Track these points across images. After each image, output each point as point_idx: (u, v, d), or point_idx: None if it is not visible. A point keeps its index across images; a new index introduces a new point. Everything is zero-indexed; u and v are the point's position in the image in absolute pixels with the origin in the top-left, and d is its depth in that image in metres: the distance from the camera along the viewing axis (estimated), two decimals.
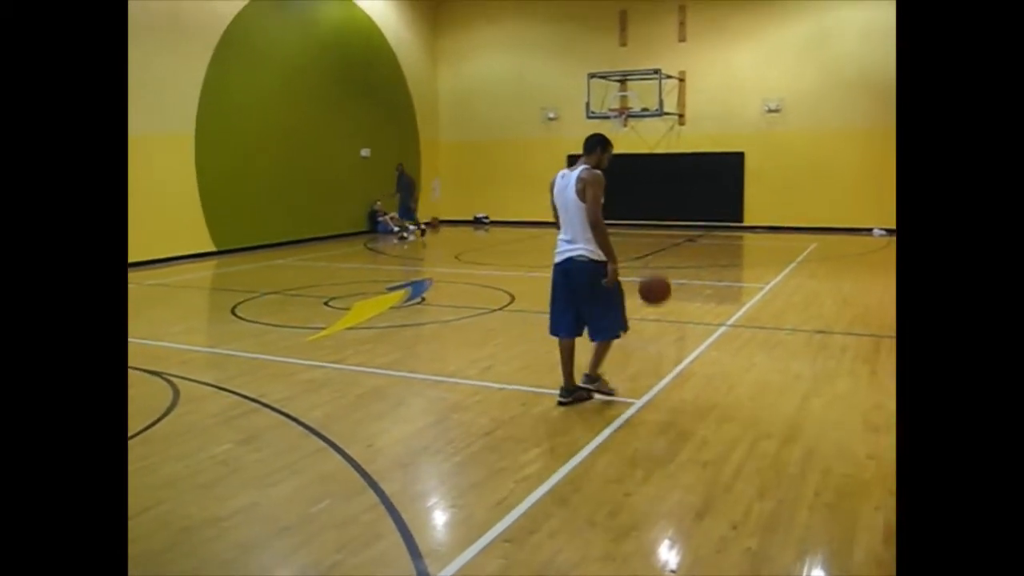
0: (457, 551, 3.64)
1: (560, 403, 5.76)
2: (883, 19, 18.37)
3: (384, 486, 4.37)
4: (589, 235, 5.52)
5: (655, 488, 4.33)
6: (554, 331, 5.86)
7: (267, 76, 17.13)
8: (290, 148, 17.83)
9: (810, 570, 3.49)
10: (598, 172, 5.55)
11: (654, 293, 6.11)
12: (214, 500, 4.24)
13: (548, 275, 5.84)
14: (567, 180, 5.59)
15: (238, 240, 16.47)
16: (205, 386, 6.41)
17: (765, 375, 6.57)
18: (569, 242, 5.62)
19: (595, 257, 5.55)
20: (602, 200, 5.51)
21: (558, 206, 5.69)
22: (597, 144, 5.66)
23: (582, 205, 5.48)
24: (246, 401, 5.98)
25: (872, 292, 10.66)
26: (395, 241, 18.39)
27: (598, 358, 5.86)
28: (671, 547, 3.73)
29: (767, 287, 11.05)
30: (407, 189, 19.34)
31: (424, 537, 3.81)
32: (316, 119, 18.78)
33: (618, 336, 5.80)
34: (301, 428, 5.37)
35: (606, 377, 5.96)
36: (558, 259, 5.71)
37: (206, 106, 15.41)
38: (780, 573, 3.44)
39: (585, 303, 5.68)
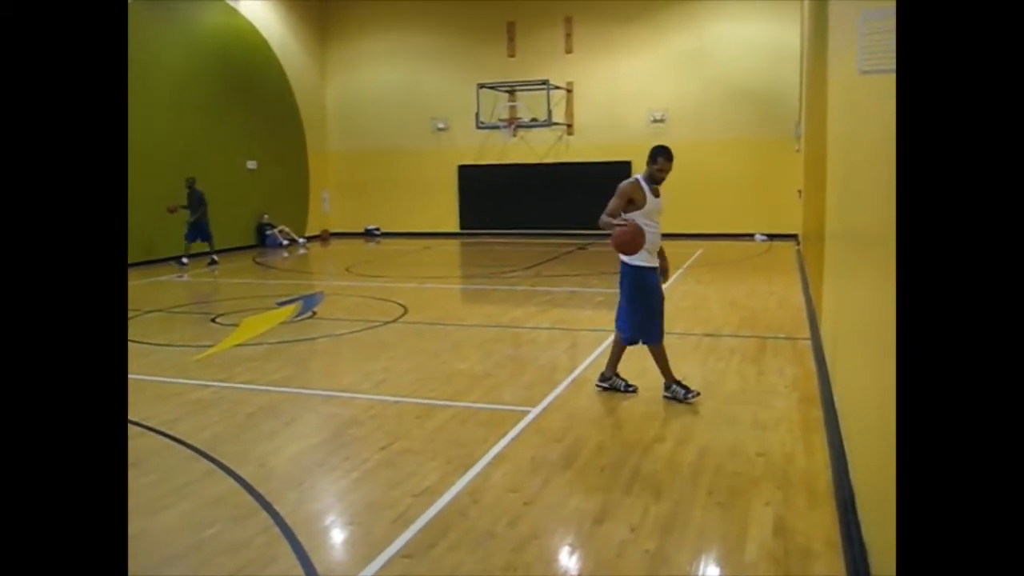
0: (355, 570, 3.56)
1: (664, 396, 6.15)
2: (762, 34, 19.16)
3: (278, 507, 4.24)
4: None
5: (554, 495, 4.35)
6: None
7: (147, 84, 16.49)
8: (173, 159, 17.23)
9: (705, 568, 3.57)
10: (628, 184, 5.85)
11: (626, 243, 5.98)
12: None
13: (439, 286, 5.81)
14: None
15: None
16: None
17: (657, 379, 6.67)
18: None
19: (628, 260, 5.95)
20: (624, 204, 5.76)
21: None
22: (649, 156, 5.93)
23: None
24: (128, 425, 5.72)
25: (757, 295, 11.04)
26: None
27: (612, 358, 6.24)
28: (571, 554, 3.75)
29: None
30: (198, 206, 16.59)
31: (321, 557, 3.72)
32: (200, 130, 18.24)
33: (623, 340, 6.17)
34: (189, 450, 5.17)
35: (622, 375, 6.29)
36: None
37: None
38: (677, 573, 3.50)
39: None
